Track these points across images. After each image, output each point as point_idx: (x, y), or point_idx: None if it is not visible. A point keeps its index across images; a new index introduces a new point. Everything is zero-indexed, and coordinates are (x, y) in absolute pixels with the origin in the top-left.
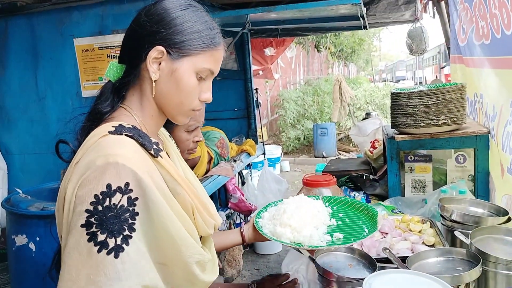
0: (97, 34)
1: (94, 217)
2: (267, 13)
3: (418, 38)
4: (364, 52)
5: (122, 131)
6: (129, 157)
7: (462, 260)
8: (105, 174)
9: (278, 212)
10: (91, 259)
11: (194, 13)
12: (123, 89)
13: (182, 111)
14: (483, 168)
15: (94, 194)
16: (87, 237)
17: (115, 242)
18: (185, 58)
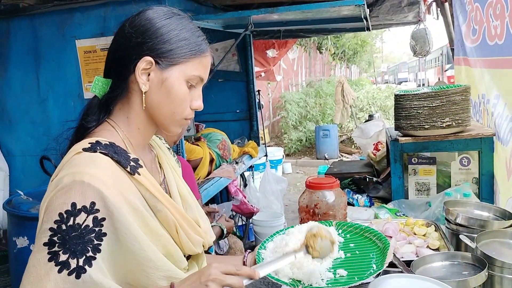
0: (99, 36)
1: (57, 236)
2: (269, 15)
3: (422, 39)
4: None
5: (97, 148)
6: (98, 176)
7: (468, 265)
8: (70, 193)
9: (280, 244)
10: (49, 280)
11: (179, 21)
12: (110, 103)
13: (174, 120)
14: (487, 171)
15: (59, 212)
16: (48, 256)
17: (77, 263)
18: (174, 67)
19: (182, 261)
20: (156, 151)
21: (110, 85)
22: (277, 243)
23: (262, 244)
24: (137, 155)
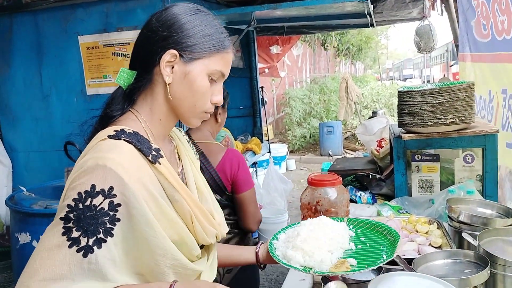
0: (102, 32)
1: (73, 213)
2: (272, 11)
3: (426, 36)
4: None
5: (121, 136)
6: (120, 163)
7: (470, 263)
8: (91, 175)
9: (292, 234)
10: (59, 252)
11: (204, 17)
12: (134, 94)
13: (195, 113)
14: (491, 168)
15: (78, 191)
16: (62, 230)
17: (87, 242)
18: (198, 61)
19: (195, 249)
20: (175, 142)
21: (134, 76)
22: (288, 234)
23: (275, 235)
24: (158, 145)
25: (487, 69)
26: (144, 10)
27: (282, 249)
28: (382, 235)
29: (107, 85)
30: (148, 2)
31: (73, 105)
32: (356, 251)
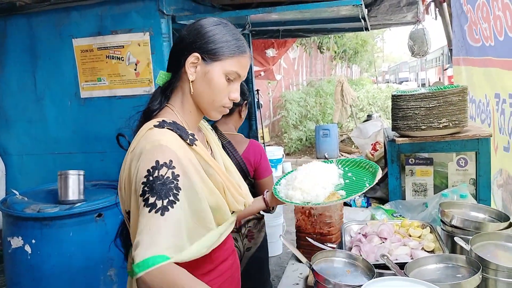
0: (96, 35)
1: (147, 186)
2: (268, 14)
3: (420, 39)
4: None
5: (164, 125)
6: (171, 142)
7: (462, 267)
8: (154, 154)
9: (291, 177)
10: (143, 218)
11: (224, 27)
12: (168, 90)
13: (214, 107)
14: (485, 172)
15: (147, 169)
16: (143, 202)
17: (162, 203)
18: (216, 62)
19: (227, 214)
20: (204, 131)
21: (169, 77)
22: (288, 179)
23: (277, 182)
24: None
25: (481, 73)
26: (138, 13)
27: (284, 190)
28: (365, 169)
29: (101, 88)
30: (143, 5)
31: (67, 108)
32: (345, 185)
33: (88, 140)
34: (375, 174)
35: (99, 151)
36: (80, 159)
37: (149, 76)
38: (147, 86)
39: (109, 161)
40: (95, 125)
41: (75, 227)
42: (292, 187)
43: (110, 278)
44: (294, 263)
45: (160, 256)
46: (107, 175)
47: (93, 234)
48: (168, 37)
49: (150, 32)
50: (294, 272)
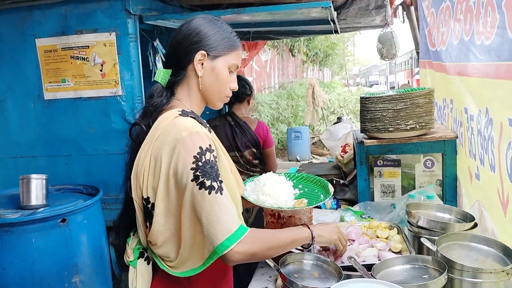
0: (60, 34)
1: (198, 171)
2: (238, 16)
3: (389, 43)
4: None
5: (188, 114)
6: (201, 128)
7: (428, 268)
8: (194, 141)
9: (259, 184)
10: (205, 201)
11: (220, 25)
12: (174, 86)
13: (220, 97)
14: (451, 173)
15: (193, 155)
16: (197, 186)
17: (218, 184)
18: (220, 58)
19: (238, 197)
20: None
21: (170, 73)
22: (254, 185)
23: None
24: None
25: (438, 78)
26: (104, 13)
27: (254, 196)
28: (313, 183)
29: (65, 90)
30: (108, 5)
31: (30, 110)
32: (301, 194)
33: (52, 143)
34: (326, 187)
35: (64, 154)
36: (43, 162)
37: (115, 77)
38: (114, 88)
39: (74, 165)
40: (60, 127)
41: (37, 233)
42: (262, 193)
43: (75, 285)
44: (264, 266)
45: (242, 227)
46: (72, 179)
47: (57, 240)
48: (135, 37)
49: (116, 32)
50: (263, 275)
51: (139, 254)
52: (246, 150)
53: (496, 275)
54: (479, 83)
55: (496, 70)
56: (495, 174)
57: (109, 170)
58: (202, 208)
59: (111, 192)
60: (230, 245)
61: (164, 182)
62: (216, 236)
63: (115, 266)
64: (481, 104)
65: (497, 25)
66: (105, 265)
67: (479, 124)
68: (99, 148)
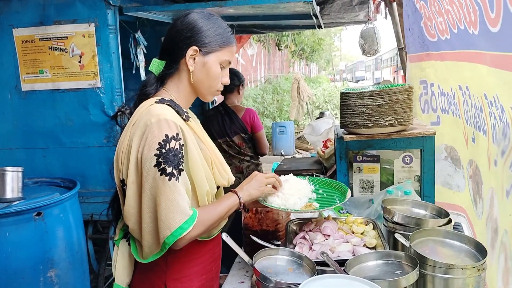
0: (38, 25)
1: (161, 157)
2: (222, 9)
3: (371, 38)
4: (325, 52)
5: (164, 102)
6: (173, 116)
7: (401, 264)
8: (161, 127)
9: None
10: (165, 186)
11: (215, 21)
12: (165, 78)
13: (210, 92)
14: (429, 169)
15: (158, 142)
16: (159, 172)
17: (177, 172)
18: (212, 54)
19: (213, 188)
20: (190, 115)
21: (164, 65)
22: None
23: None
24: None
25: (443, 67)
26: (83, 3)
27: (262, 196)
28: (335, 189)
29: (43, 81)
30: None
31: (6, 101)
32: (317, 199)
33: (30, 135)
34: (345, 193)
35: (41, 147)
36: (20, 155)
37: (94, 69)
38: (92, 80)
39: (52, 157)
40: (37, 119)
41: (12, 226)
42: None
43: (50, 280)
44: (240, 261)
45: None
46: (50, 171)
47: (32, 234)
48: (114, 29)
49: (95, 23)
50: (240, 270)
51: (123, 234)
52: (235, 135)
53: (468, 271)
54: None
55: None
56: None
57: (87, 163)
58: (162, 194)
59: (89, 185)
60: (188, 227)
61: (133, 165)
62: (175, 220)
63: (93, 261)
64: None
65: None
66: (82, 259)
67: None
68: (77, 140)
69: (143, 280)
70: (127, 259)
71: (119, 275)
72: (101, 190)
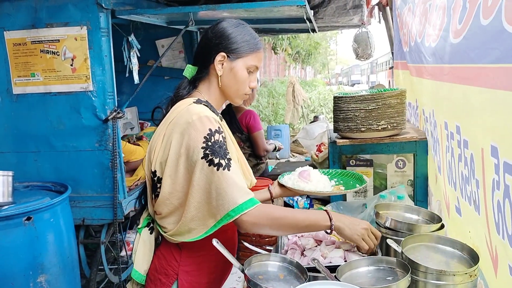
0: (30, 28)
1: (208, 149)
2: (216, 13)
3: (364, 42)
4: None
5: (201, 102)
6: (212, 114)
7: (393, 270)
8: (204, 123)
9: (295, 174)
10: (213, 176)
11: (243, 28)
12: (197, 82)
13: (238, 95)
14: (422, 173)
15: (203, 136)
16: (207, 164)
17: (225, 162)
18: (239, 59)
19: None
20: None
21: (196, 70)
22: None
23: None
24: None
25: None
26: (75, 6)
27: (293, 182)
28: (348, 176)
29: (35, 84)
30: None
31: None
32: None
33: (21, 139)
34: (361, 178)
35: (32, 150)
36: (11, 159)
37: (86, 72)
38: (85, 83)
39: (44, 161)
40: (29, 123)
41: (1, 231)
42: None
43: (40, 285)
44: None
45: (252, 200)
46: (41, 176)
47: (22, 239)
48: (107, 32)
49: (88, 26)
50: (232, 275)
51: (147, 224)
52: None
53: (459, 277)
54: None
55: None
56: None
57: (79, 167)
58: (212, 183)
59: (81, 189)
60: (235, 215)
61: (174, 160)
62: (224, 207)
63: (85, 266)
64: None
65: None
66: (73, 264)
67: (431, 125)
68: (69, 144)
69: (158, 270)
70: (148, 247)
71: (138, 262)
72: (92, 195)
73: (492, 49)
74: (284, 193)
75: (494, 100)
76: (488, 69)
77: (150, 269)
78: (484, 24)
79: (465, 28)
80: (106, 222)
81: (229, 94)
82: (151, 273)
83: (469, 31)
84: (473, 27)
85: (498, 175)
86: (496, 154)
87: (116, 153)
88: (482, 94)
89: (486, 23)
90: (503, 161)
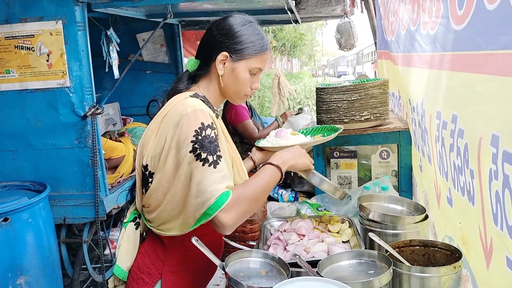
0: (3, 23)
1: (197, 144)
2: (196, 4)
3: (347, 33)
4: (307, 47)
5: (198, 97)
6: (207, 108)
7: (375, 263)
8: (197, 116)
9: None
10: (197, 171)
11: (250, 27)
12: (197, 77)
13: (238, 96)
14: (406, 164)
15: (194, 129)
16: (194, 158)
17: (213, 158)
18: (242, 61)
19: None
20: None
21: (198, 64)
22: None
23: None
24: None
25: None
26: (50, 0)
27: (272, 142)
28: (321, 130)
29: (10, 81)
30: None
31: None
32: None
33: None
34: (334, 127)
35: (10, 149)
36: None
37: (62, 68)
38: (61, 79)
39: (22, 160)
40: (5, 121)
41: None
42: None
43: (20, 287)
44: None
45: (225, 193)
46: (20, 175)
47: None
48: (83, 26)
49: (63, 20)
50: (217, 271)
51: (133, 218)
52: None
53: (443, 269)
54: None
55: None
56: (431, 166)
57: (58, 165)
58: (194, 178)
59: (61, 188)
60: (212, 213)
61: (164, 154)
62: (203, 205)
63: (67, 265)
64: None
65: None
66: (54, 265)
67: (418, 115)
68: (47, 142)
69: (141, 269)
70: (132, 243)
71: (121, 258)
72: (73, 193)
73: (501, 35)
74: (266, 156)
75: (502, 87)
76: (497, 55)
77: (132, 267)
78: (490, 9)
79: (468, 14)
80: (88, 220)
81: (229, 94)
82: (134, 272)
83: (473, 16)
84: (478, 12)
85: (496, 165)
86: (497, 143)
87: (96, 150)
88: (488, 82)
89: (493, 7)
90: (503, 151)
